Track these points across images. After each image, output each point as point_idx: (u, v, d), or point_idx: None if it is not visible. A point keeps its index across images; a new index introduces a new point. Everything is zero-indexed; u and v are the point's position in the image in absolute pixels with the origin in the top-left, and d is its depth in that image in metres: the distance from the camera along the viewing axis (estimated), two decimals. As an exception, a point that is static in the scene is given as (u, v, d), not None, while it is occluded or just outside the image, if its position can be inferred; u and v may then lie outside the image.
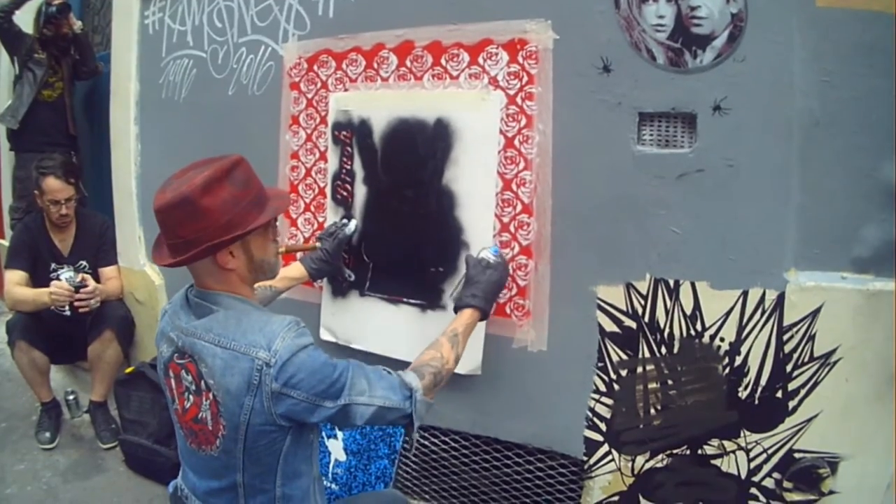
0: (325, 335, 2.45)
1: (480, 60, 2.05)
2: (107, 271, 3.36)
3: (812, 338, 1.75)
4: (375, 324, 2.31)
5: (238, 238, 1.45)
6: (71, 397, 3.37)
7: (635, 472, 1.99)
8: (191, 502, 1.62)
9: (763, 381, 1.81)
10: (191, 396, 1.51)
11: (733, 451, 1.87)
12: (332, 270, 2.26)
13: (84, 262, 3.33)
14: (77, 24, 4.03)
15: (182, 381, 1.53)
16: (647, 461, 1.97)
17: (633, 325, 1.93)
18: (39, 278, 3.20)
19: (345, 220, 2.30)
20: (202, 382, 1.47)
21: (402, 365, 2.24)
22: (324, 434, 2.47)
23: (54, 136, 4.07)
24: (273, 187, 1.56)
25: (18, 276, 3.16)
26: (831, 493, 1.81)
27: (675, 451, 1.94)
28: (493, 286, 1.89)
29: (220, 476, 1.53)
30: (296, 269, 2.19)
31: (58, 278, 3.10)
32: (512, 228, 2.04)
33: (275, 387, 1.39)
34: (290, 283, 2.17)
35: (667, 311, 1.88)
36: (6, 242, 3.95)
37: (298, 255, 2.36)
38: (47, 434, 3.19)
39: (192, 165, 1.49)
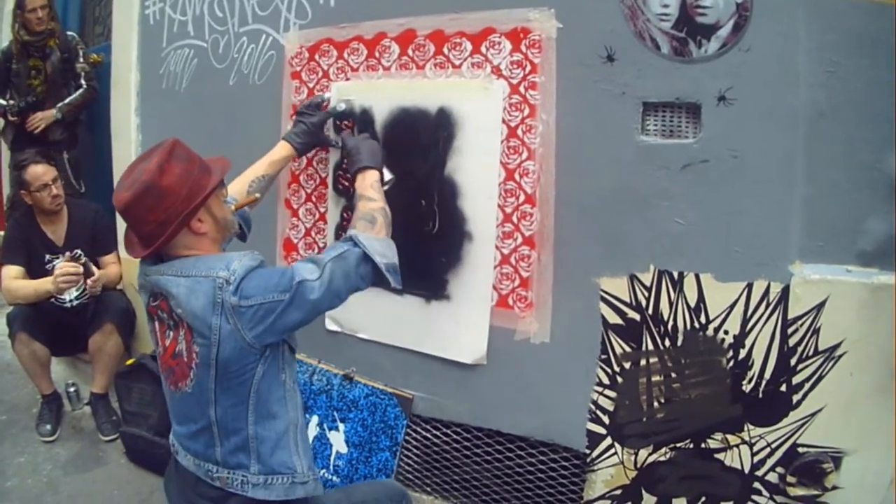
0: (330, 325, 2.45)
1: (483, 49, 2.03)
2: (106, 259, 3.37)
3: (817, 331, 1.75)
4: (380, 313, 2.31)
5: (204, 202, 1.58)
6: (72, 389, 3.37)
7: (638, 465, 1.99)
8: (179, 453, 1.71)
9: (767, 375, 1.80)
10: (170, 333, 1.60)
11: (737, 445, 1.86)
12: (318, 142, 2.27)
13: (79, 251, 3.32)
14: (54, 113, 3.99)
15: (163, 321, 1.62)
16: (650, 455, 1.97)
17: (637, 317, 1.92)
18: (34, 271, 3.20)
19: (327, 94, 2.32)
20: (174, 314, 1.57)
21: (408, 354, 2.29)
22: (325, 426, 2.47)
23: (42, 139, 4.02)
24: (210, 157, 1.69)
25: (15, 271, 3.15)
26: (835, 488, 1.80)
27: (678, 445, 1.93)
28: (373, 150, 2.05)
29: (195, 417, 1.61)
30: (282, 149, 2.21)
31: (53, 269, 3.12)
32: (515, 219, 2.03)
33: (233, 300, 1.49)
34: (280, 166, 2.21)
35: (671, 304, 1.87)
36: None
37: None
38: (48, 426, 3.18)
39: (135, 162, 1.61)
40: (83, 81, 4.01)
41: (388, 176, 2.08)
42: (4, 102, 3.93)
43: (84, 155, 4.23)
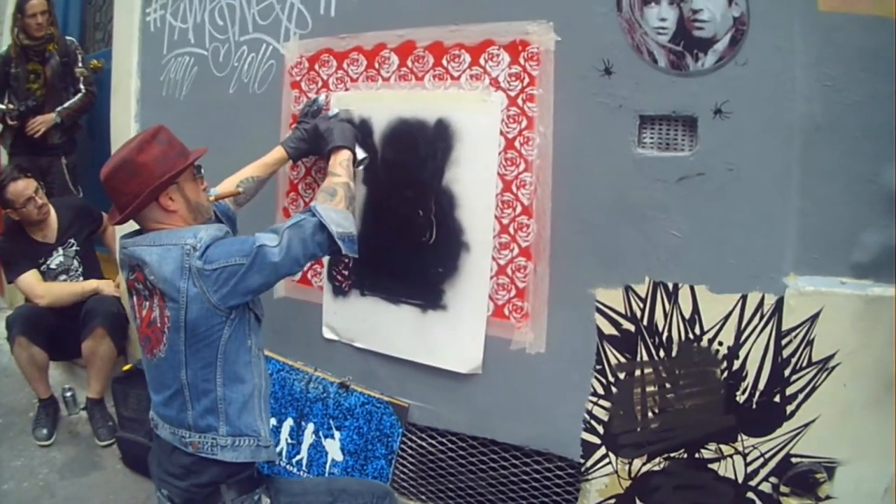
0: (327, 333, 2.46)
1: (482, 61, 2.04)
2: (104, 228, 3.61)
3: (810, 342, 1.75)
4: (377, 323, 2.32)
5: (172, 180, 1.72)
6: (68, 394, 3.37)
7: (632, 475, 1.99)
8: (157, 425, 1.85)
9: (761, 386, 1.81)
10: (146, 303, 1.74)
11: (730, 455, 1.87)
12: (312, 150, 2.28)
13: (72, 241, 3.42)
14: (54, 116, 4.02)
15: (140, 293, 1.75)
16: (644, 464, 1.97)
17: (632, 328, 1.93)
18: None
19: (322, 97, 2.34)
20: (147, 283, 1.70)
21: (404, 363, 2.29)
22: (321, 434, 2.48)
23: (41, 143, 4.04)
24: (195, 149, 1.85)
25: (34, 276, 3.25)
26: (828, 498, 1.80)
27: (672, 455, 1.93)
28: (344, 131, 2.14)
29: (169, 382, 1.74)
30: (275, 153, 2.26)
31: (48, 267, 3.32)
32: (511, 230, 2.04)
33: (198, 265, 1.63)
34: (271, 168, 2.27)
35: (665, 315, 1.88)
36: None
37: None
38: (44, 430, 3.19)
39: (125, 143, 1.76)
40: (82, 86, 4.04)
41: (360, 154, 2.14)
42: (3, 107, 3.94)
43: (84, 161, 4.25)
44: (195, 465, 1.75)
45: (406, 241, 2.20)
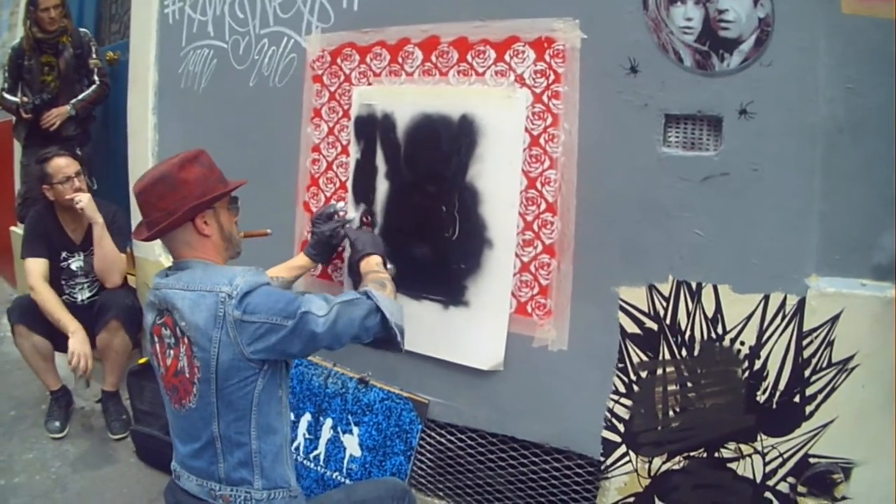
0: None
1: (507, 58, 2.05)
2: None
3: (831, 343, 1.76)
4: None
5: (212, 202, 1.70)
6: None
7: (652, 473, 1.99)
8: (181, 476, 1.75)
9: (781, 386, 1.81)
10: (171, 351, 1.67)
11: (749, 455, 1.87)
12: (335, 247, 2.30)
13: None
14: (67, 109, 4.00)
15: (164, 339, 1.69)
16: (663, 463, 1.98)
17: (655, 326, 1.93)
18: (51, 266, 3.24)
19: (340, 203, 2.35)
20: (177, 329, 1.64)
21: (424, 359, 2.29)
22: (339, 429, 2.48)
23: (55, 135, 4.00)
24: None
25: (41, 266, 3.20)
26: (844, 498, 1.81)
27: (691, 454, 1.94)
28: (374, 240, 2.16)
29: (199, 433, 1.66)
30: (301, 259, 2.28)
31: (68, 267, 3.26)
32: (535, 227, 2.05)
33: (236, 314, 1.56)
34: (297, 272, 2.27)
35: (688, 314, 1.89)
36: (19, 230, 3.96)
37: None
38: (57, 423, 3.19)
39: (160, 162, 1.75)
40: (96, 78, 4.03)
41: (389, 266, 2.13)
42: (17, 99, 3.94)
43: (99, 153, 4.26)
44: None
45: (428, 237, 2.20)
